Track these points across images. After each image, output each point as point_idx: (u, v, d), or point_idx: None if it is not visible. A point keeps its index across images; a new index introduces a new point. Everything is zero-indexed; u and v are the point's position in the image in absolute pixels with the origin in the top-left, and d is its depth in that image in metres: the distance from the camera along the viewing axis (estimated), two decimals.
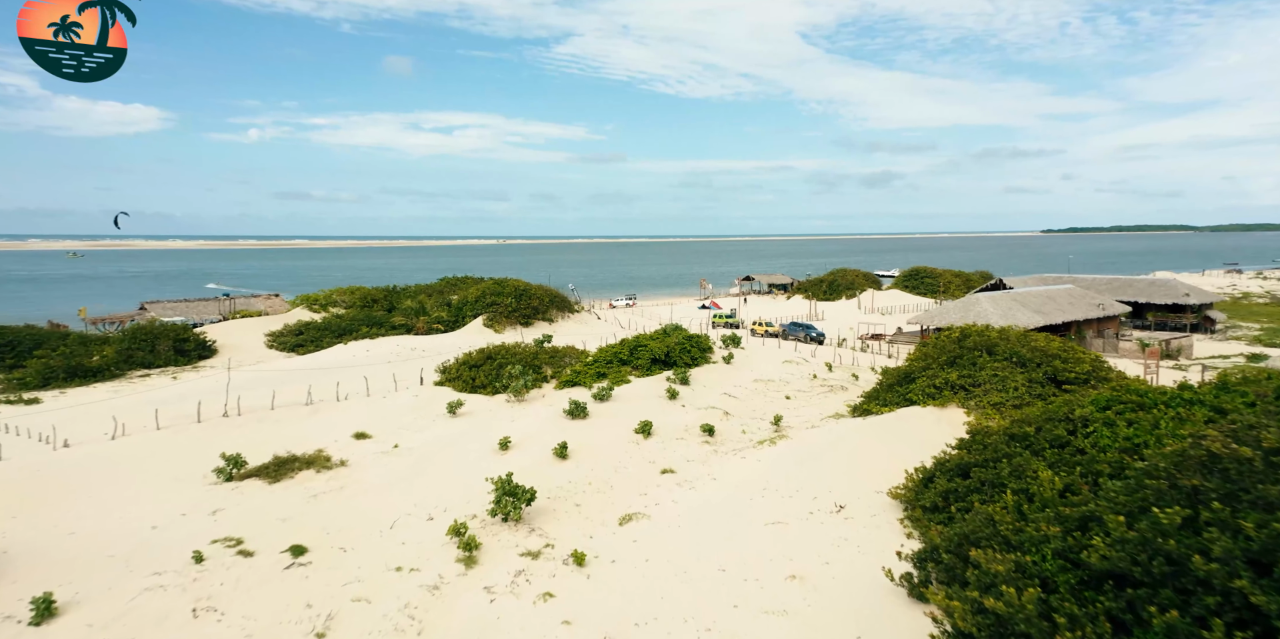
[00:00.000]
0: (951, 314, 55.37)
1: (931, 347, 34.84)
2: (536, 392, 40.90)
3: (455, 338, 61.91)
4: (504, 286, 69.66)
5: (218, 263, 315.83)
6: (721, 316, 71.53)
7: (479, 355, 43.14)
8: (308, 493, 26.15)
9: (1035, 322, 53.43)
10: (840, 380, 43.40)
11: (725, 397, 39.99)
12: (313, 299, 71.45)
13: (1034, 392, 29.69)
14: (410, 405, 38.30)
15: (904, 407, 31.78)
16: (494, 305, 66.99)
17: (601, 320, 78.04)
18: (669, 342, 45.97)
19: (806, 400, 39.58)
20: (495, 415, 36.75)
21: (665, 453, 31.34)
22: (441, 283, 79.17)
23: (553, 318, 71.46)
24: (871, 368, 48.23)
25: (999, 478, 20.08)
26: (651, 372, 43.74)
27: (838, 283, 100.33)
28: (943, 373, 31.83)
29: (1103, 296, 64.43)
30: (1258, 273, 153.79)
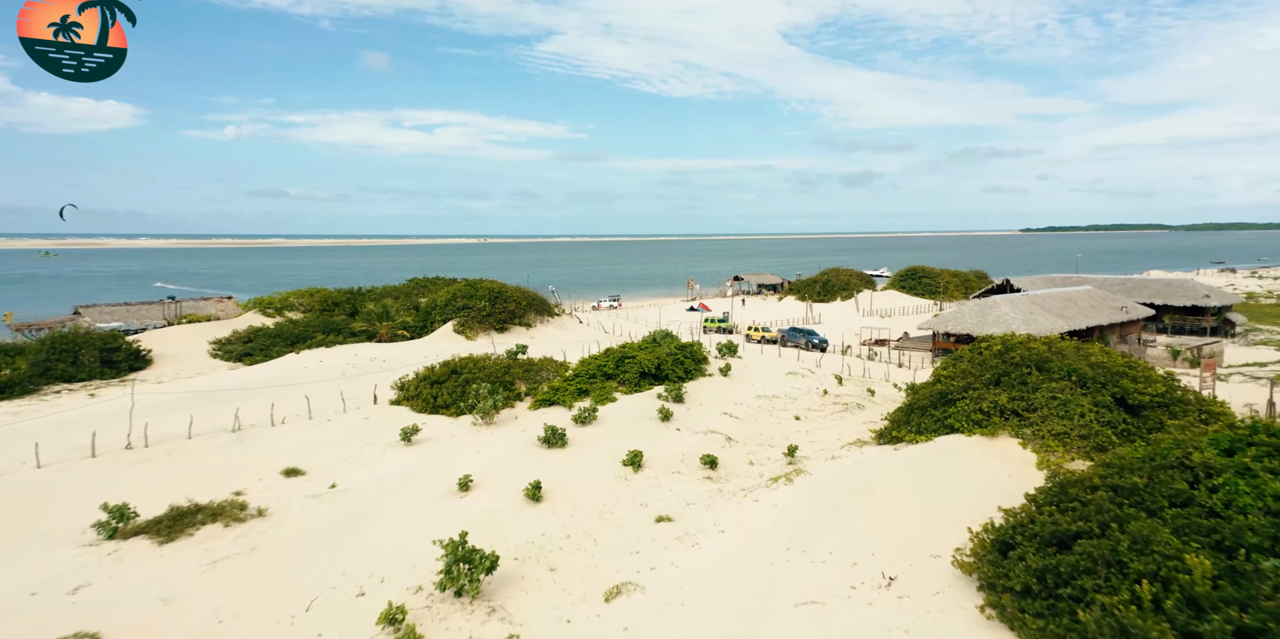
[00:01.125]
0: (968, 318, 50.55)
1: (968, 362, 29.78)
2: (508, 412, 35.41)
3: (422, 345, 56.14)
4: (477, 289, 63.98)
5: (188, 262, 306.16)
6: (714, 321, 66.37)
7: (442, 370, 37.56)
8: (207, 558, 20.50)
9: (1059, 327, 48.79)
10: (854, 396, 38.31)
11: (726, 417, 34.74)
12: (267, 302, 65.24)
13: (1103, 418, 24.70)
14: (358, 431, 32.64)
15: (942, 434, 26.70)
16: (466, 309, 61.29)
17: (584, 324, 72.58)
18: (659, 352, 40.66)
19: (819, 422, 34.41)
20: (458, 443, 31.21)
21: (660, 492, 26.03)
22: (410, 284, 73.18)
23: (530, 322, 65.87)
24: (886, 380, 43.24)
25: (1116, 554, 14.96)
26: (640, 387, 38.41)
27: (832, 283, 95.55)
28: (989, 394, 26.75)
29: (1123, 299, 60.03)
30: (1252, 272, 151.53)
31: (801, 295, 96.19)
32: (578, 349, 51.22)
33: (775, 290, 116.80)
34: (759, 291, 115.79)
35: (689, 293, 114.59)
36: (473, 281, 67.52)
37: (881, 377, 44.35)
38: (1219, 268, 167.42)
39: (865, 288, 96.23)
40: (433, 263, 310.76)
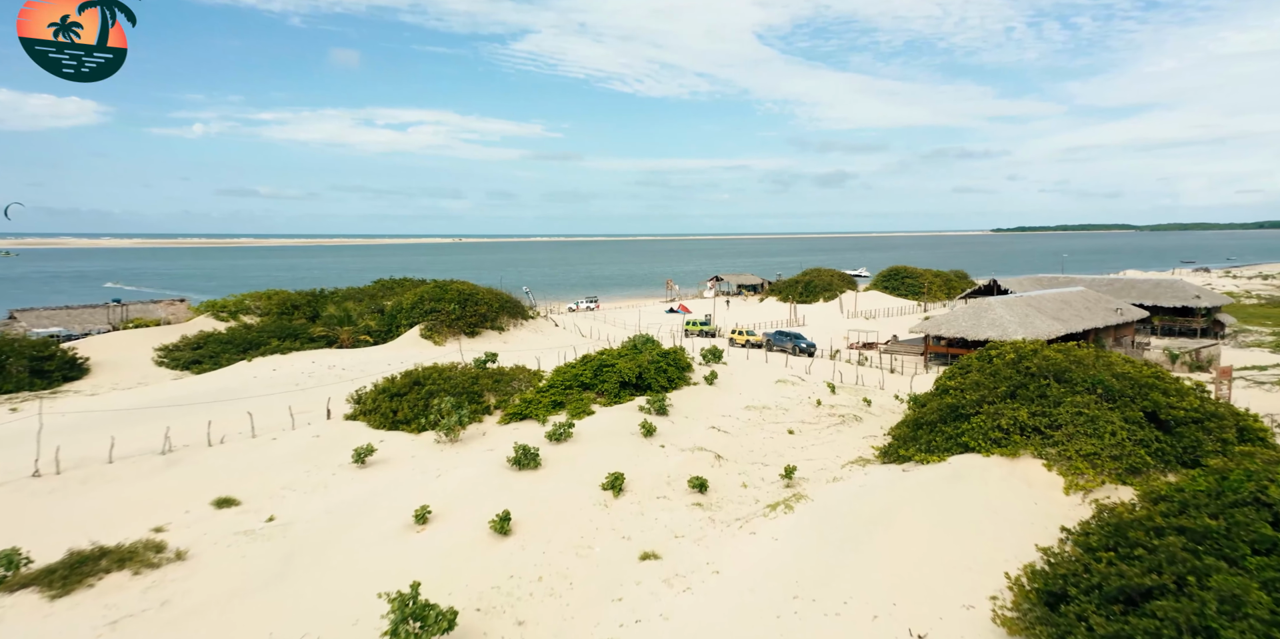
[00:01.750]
0: (961, 321, 48.33)
1: (979, 372, 27.29)
2: (475, 428, 32.28)
3: (385, 352, 52.69)
4: (446, 291, 60.55)
5: (150, 262, 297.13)
6: (696, 324, 63.65)
7: (403, 381, 34.31)
8: (106, 616, 17.21)
9: (1056, 330, 46.77)
10: (850, 407, 35.74)
11: (714, 431, 31.94)
12: (220, 306, 61.18)
13: (1135, 437, 22.28)
14: (306, 451, 29.30)
15: (956, 453, 24.16)
16: (434, 313, 57.87)
17: (559, 328, 69.45)
18: (640, 360, 37.76)
19: (815, 436, 31.75)
20: (418, 465, 28.04)
21: (644, 521, 23.16)
22: (375, 286, 69.44)
23: (503, 326, 62.59)
24: (881, 388, 40.77)
25: (1204, 618, 12.35)
26: (620, 398, 35.50)
27: (814, 284, 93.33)
28: (1006, 409, 24.23)
29: (1117, 300, 58.36)
30: (1226, 271, 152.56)
31: (783, 296, 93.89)
32: (553, 355, 48.15)
33: (755, 291, 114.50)
34: (739, 292, 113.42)
35: (668, 294, 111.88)
36: (442, 283, 64.08)
37: (875, 384, 41.89)
38: (1193, 267, 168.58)
39: (847, 288, 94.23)
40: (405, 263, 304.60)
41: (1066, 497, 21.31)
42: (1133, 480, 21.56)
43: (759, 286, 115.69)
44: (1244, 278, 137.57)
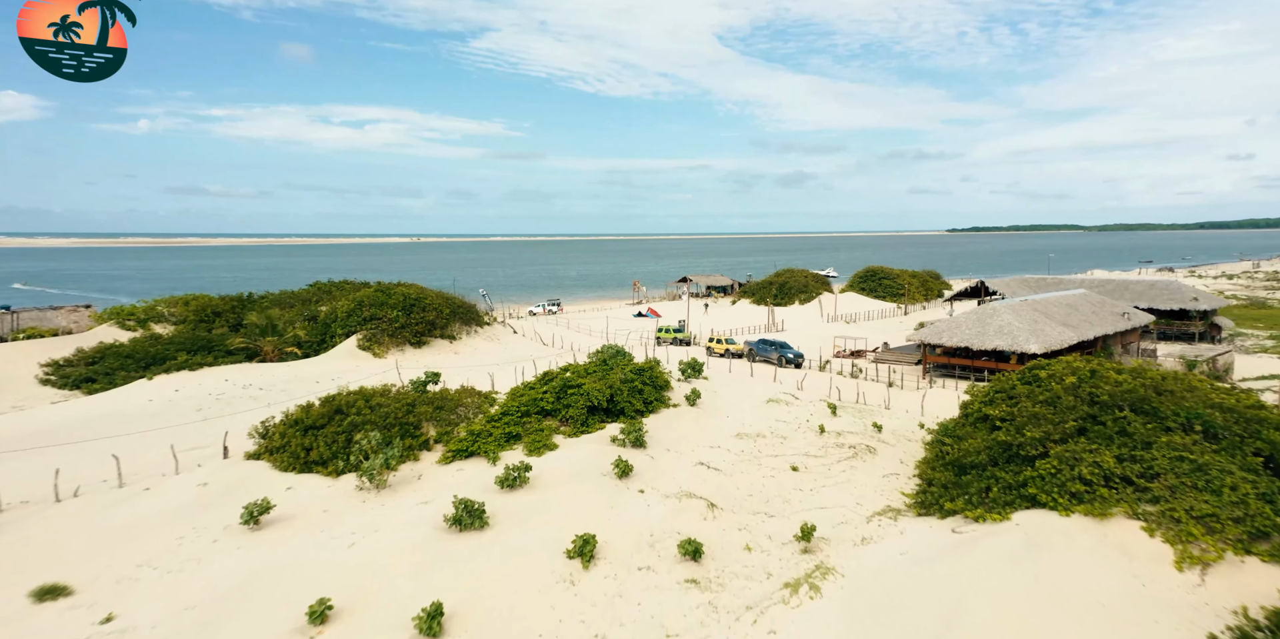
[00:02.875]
0: (965, 328, 43.60)
1: (1030, 399, 22.20)
2: (409, 469, 26.15)
3: (315, 366, 45.97)
4: (389, 295, 53.90)
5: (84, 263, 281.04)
6: (669, 331, 58.06)
7: (321, 411, 27.94)
8: None
9: (1067, 338, 42.37)
10: (858, 433, 30.45)
11: (702, 469, 26.35)
12: (127, 312, 53.49)
13: (1259, 489, 17.31)
14: (185, 507, 22.87)
15: (1020, 508, 18.96)
16: (373, 320, 51.23)
17: (518, 335, 63.25)
18: (612, 379, 31.99)
19: (825, 473, 26.33)
20: (329, 525, 21.87)
21: (623, 610, 17.47)
22: (309, 290, 62.23)
23: (455, 334, 56.18)
24: (886, 407, 35.65)
25: None
26: (589, 427, 29.70)
27: (789, 286, 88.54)
28: (1083, 451, 19.09)
29: (1122, 304, 54.50)
30: (1190, 271, 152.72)
31: (756, 298, 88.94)
32: (509, 372, 42.08)
33: (725, 292, 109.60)
34: (709, 294, 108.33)
35: (635, 295, 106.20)
36: (385, 287, 57.36)
37: (879, 403, 36.86)
38: (1156, 267, 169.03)
39: (823, 290, 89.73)
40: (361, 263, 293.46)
41: (1179, 573, 16.23)
42: (1259, 549, 16.60)
43: (729, 288, 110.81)
44: (1209, 277, 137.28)
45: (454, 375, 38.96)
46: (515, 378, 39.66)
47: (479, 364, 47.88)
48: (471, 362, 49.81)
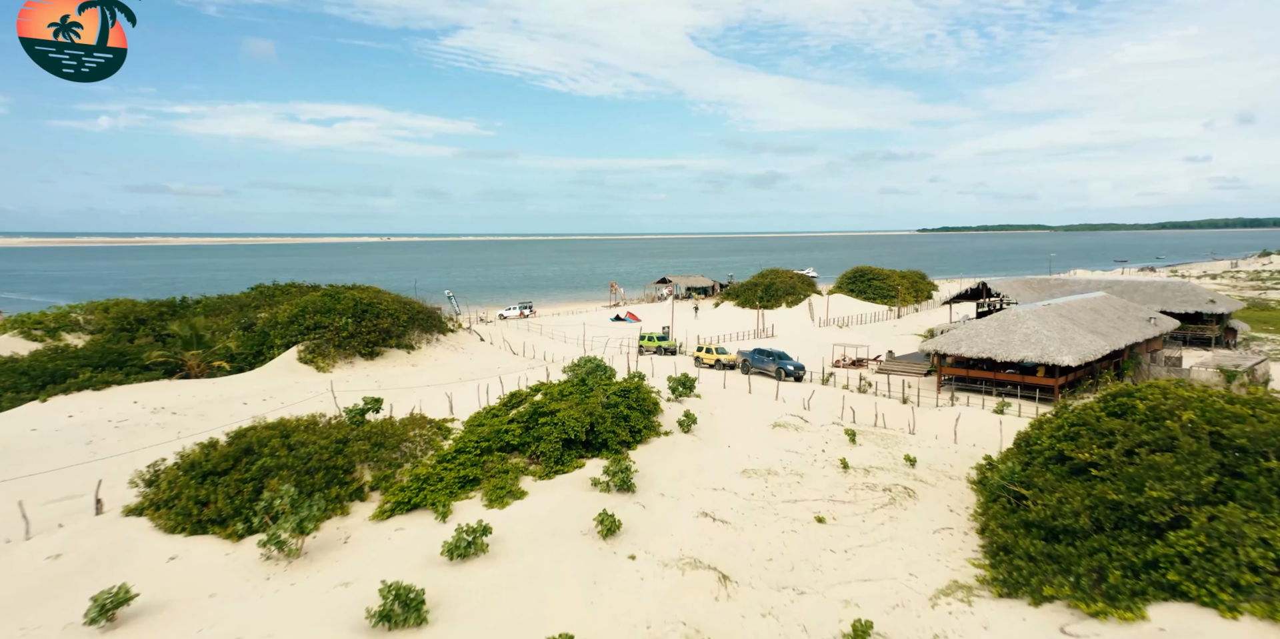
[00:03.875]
0: (986, 337, 38.89)
1: (1128, 437, 17.30)
2: (335, 527, 20.54)
3: (246, 384, 39.87)
4: (337, 300, 47.85)
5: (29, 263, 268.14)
6: (653, 339, 52.72)
7: (226, 451, 22.16)
8: None
9: (1099, 348, 37.88)
10: (889, 468, 25.38)
11: (706, 522, 21.12)
12: (34, 320, 46.75)
13: None
14: (21, 594, 17.01)
15: (1155, 599, 13.96)
16: (318, 329, 45.17)
17: (486, 343, 57.48)
18: (591, 403, 26.63)
19: (860, 527, 21.18)
20: (213, 622, 16.18)
21: None
22: (250, 294, 55.74)
23: (413, 343, 50.29)
24: (911, 431, 30.66)
25: None
26: (564, 465, 24.33)
27: (775, 287, 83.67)
28: (1244, 524, 14.16)
29: (1144, 307, 50.38)
30: (1172, 270, 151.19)
31: (741, 301, 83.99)
32: (471, 390, 36.44)
33: (706, 293, 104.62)
34: (689, 295, 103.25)
35: (612, 297, 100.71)
36: (334, 290, 51.23)
37: (901, 425, 31.90)
38: (1138, 266, 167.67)
39: (811, 292, 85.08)
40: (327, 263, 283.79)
41: None
42: None
43: (710, 289, 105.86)
44: (1192, 277, 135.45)
45: (402, 399, 33.36)
46: (478, 399, 34.09)
47: (437, 381, 42.12)
48: (429, 376, 44.03)
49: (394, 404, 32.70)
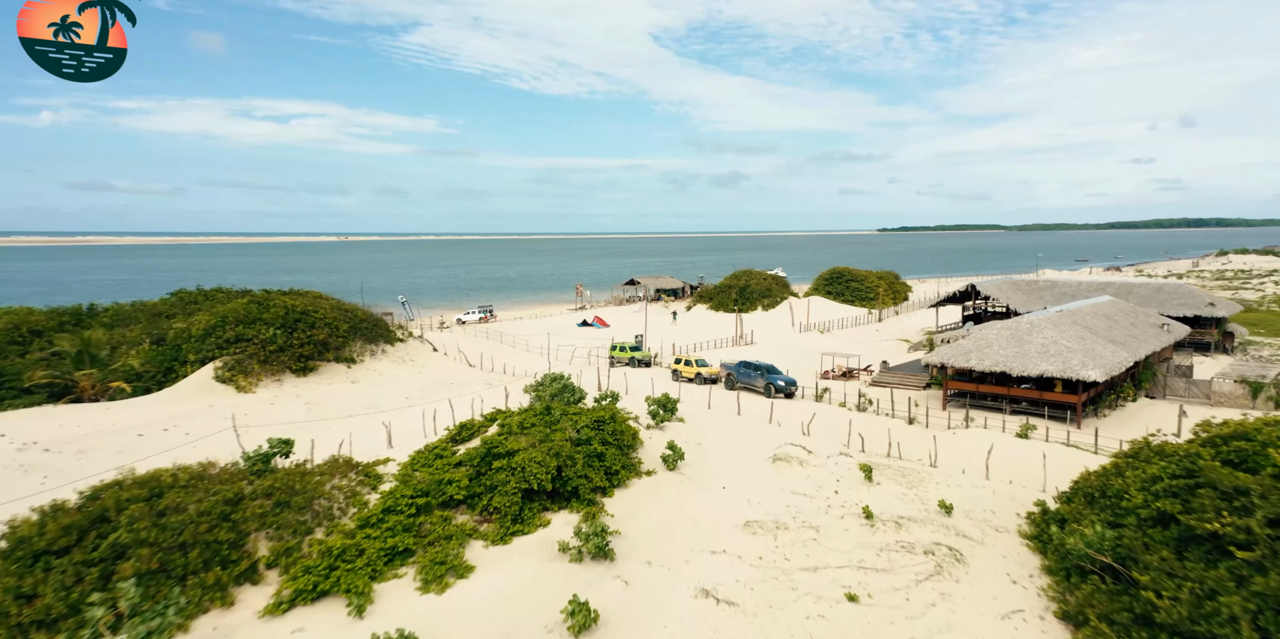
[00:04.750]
0: (999, 348, 34.89)
1: (1263, 498, 13.01)
2: (211, 629, 15.25)
3: (148, 409, 33.91)
4: (265, 308, 41.95)
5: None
6: (625, 349, 47.77)
7: (67, 523, 16.63)
8: None
9: (1121, 359, 34.16)
10: (922, 518, 20.88)
11: (708, 605, 16.38)
12: None
13: None
14: None
15: None
16: (241, 342, 39.26)
17: (439, 353, 51.94)
18: (558, 439, 21.69)
19: (904, 609, 16.57)
20: None
21: None
22: (169, 301, 49.12)
23: (355, 355, 44.61)
24: (932, 463, 26.29)
25: None
26: (525, 522, 19.38)
27: (750, 289, 79.41)
28: None
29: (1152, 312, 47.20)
30: (1137, 270, 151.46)
31: (715, 303, 79.61)
32: (414, 418, 31.14)
33: (676, 295, 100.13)
34: (658, 297, 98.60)
35: (578, 300, 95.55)
36: (262, 297, 45.21)
37: (922, 456, 27.54)
38: (1105, 266, 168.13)
39: (787, 294, 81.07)
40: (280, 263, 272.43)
41: None
42: None
43: (680, 291, 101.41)
44: (1159, 276, 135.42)
45: (328, 432, 27.91)
46: (423, 428, 28.89)
47: (378, 402, 36.64)
48: (370, 395, 38.52)
49: (317, 439, 27.31)
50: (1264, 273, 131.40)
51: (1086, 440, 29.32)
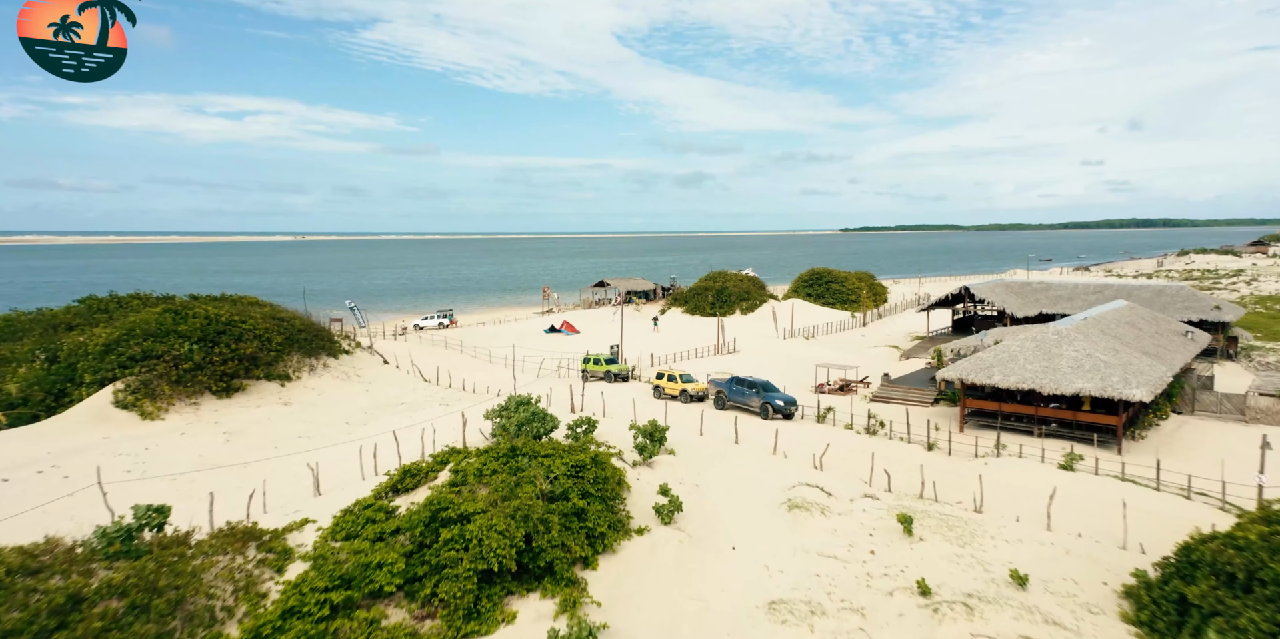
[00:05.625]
0: (1025, 362, 30.90)
1: None
2: None
3: (28, 444, 27.97)
4: (183, 317, 36.13)
5: None
6: (600, 362, 42.80)
7: None
8: None
9: (1160, 374, 30.47)
10: (993, 597, 16.48)
11: None
12: None
13: None
14: None
15: None
16: (149, 359, 33.43)
17: (391, 365, 46.41)
18: (525, 494, 16.86)
19: None
20: None
21: None
22: (74, 310, 42.59)
23: (290, 372, 38.98)
24: (976, 508, 21.93)
25: None
26: (481, 619, 14.51)
27: (728, 292, 75.02)
28: None
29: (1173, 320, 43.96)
30: (1107, 270, 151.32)
31: (690, 307, 75.13)
32: (351, 452, 25.88)
33: (648, 298, 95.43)
34: (629, 300, 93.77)
35: (544, 304, 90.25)
36: (180, 305, 39.22)
37: (957, 493, 23.28)
38: (1074, 266, 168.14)
39: (767, 297, 76.93)
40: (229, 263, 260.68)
41: None
42: None
43: (651, 293, 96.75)
44: (1128, 276, 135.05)
45: (238, 478, 22.65)
46: (361, 469, 23.75)
47: (310, 433, 31.26)
48: (303, 423, 33.08)
49: (225, 487, 22.00)
50: (1231, 272, 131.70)
51: (1143, 473, 25.37)
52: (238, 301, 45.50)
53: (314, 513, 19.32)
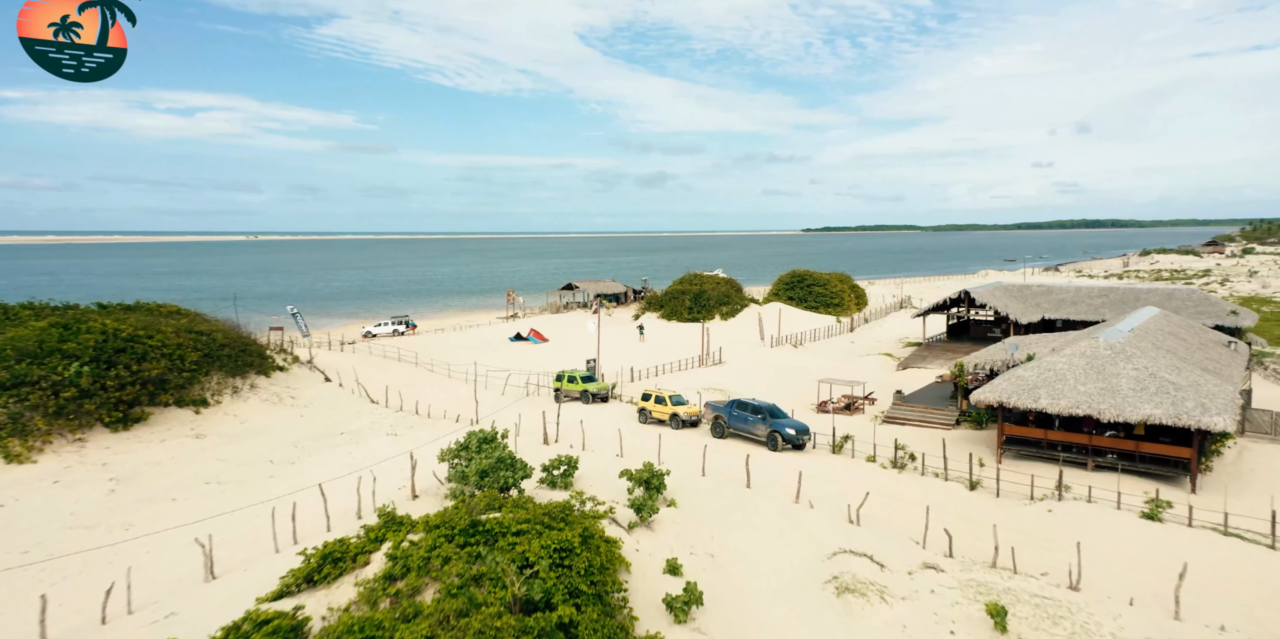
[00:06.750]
0: (1075, 382, 26.52)
1: None
2: None
3: None
4: (74, 332, 29.89)
5: None
6: (575, 380, 37.20)
7: None
8: None
9: (1228, 394, 26.35)
10: None
11: None
12: None
13: None
14: None
15: None
16: (23, 385, 27.16)
17: (334, 384, 40.38)
18: (488, 610, 11.51)
19: None
20: None
21: None
22: None
23: (207, 395, 32.85)
24: (1075, 586, 17.19)
25: None
26: None
27: (706, 296, 70.13)
28: None
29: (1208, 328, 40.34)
30: (1077, 271, 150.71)
31: (667, 312, 70.12)
32: (263, 516, 20.25)
33: (619, 301, 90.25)
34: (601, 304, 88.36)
35: (509, 308, 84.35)
36: (71, 317, 32.78)
37: (1040, 563, 18.63)
38: (1043, 266, 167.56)
39: (748, 301, 72.29)
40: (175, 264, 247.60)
41: None
42: None
43: (622, 296, 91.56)
44: (1099, 275, 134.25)
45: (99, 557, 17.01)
46: (274, 539, 18.17)
47: (221, 477, 25.36)
48: (215, 464, 27.10)
49: (80, 571, 16.28)
50: (1199, 272, 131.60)
51: (1235, 521, 21.07)
52: (152, 311, 39.13)
53: (192, 615, 13.83)
